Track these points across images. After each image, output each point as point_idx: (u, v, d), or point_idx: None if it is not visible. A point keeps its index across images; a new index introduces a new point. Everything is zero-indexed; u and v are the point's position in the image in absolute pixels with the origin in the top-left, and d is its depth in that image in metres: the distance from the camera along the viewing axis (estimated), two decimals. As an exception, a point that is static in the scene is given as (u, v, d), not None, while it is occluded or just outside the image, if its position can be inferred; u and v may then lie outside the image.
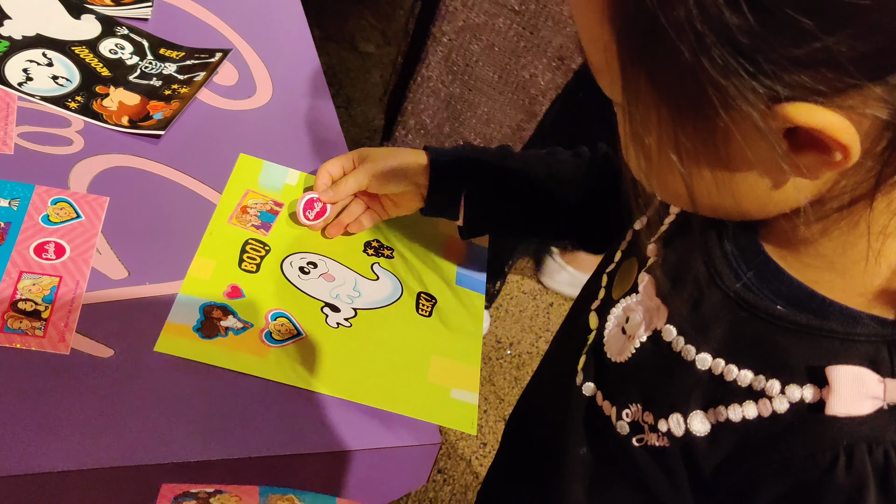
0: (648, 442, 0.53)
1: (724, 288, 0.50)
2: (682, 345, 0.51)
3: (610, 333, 0.58)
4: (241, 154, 0.88)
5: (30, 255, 0.72)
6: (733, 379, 0.48)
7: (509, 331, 1.86)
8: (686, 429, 0.50)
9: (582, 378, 0.59)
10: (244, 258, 0.79)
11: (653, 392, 0.53)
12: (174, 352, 0.69)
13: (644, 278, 0.56)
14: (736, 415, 0.48)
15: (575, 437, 0.59)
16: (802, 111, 0.37)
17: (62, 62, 0.90)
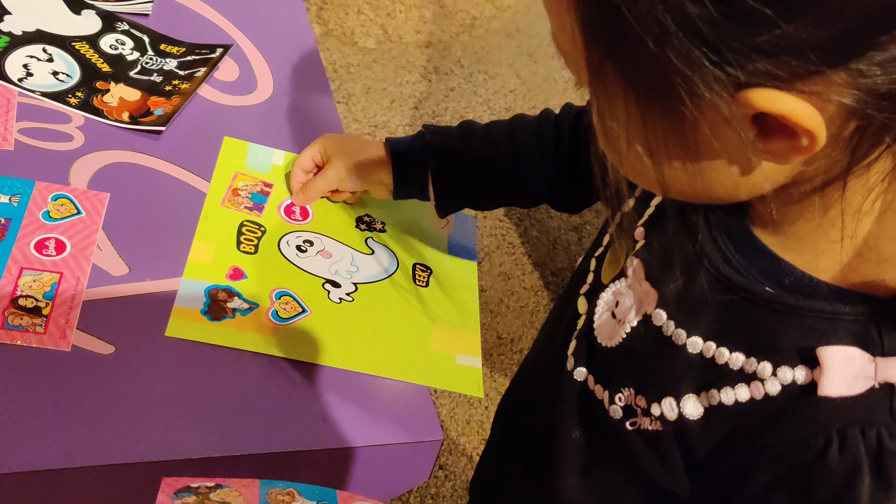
0: (641, 426, 0.53)
1: (712, 270, 0.49)
2: (673, 329, 0.51)
3: (600, 318, 0.58)
4: (226, 137, 0.88)
5: (30, 251, 0.71)
6: (725, 362, 0.48)
7: (510, 326, 1.86)
8: (679, 412, 0.50)
9: (573, 363, 0.59)
10: (241, 240, 0.79)
11: (645, 376, 0.53)
12: (185, 335, 0.70)
13: (633, 262, 0.55)
14: (729, 398, 0.48)
15: (568, 422, 0.60)
16: (766, 97, 0.37)
17: (62, 58, 0.89)
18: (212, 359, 0.70)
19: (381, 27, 2.40)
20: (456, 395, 1.71)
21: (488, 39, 2.50)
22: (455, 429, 1.66)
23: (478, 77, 2.37)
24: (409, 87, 2.27)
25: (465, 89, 2.32)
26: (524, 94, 2.36)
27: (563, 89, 2.41)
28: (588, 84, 0.42)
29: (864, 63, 0.36)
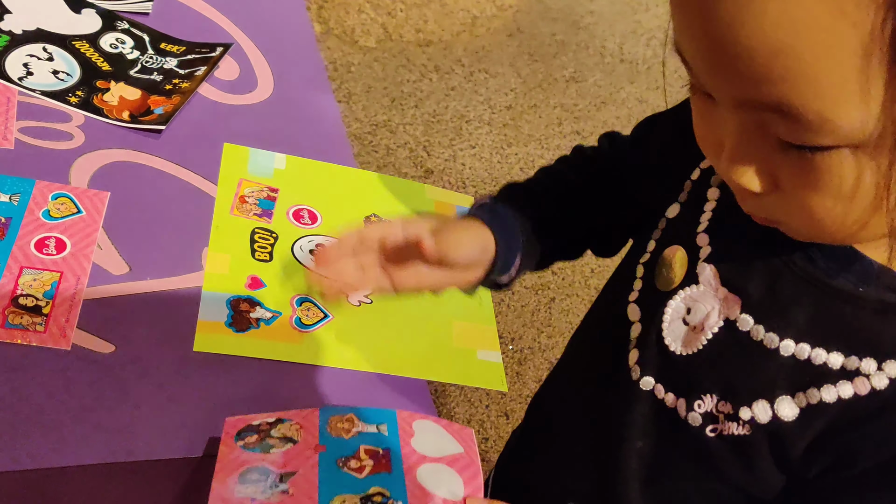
0: (725, 431, 0.53)
1: (798, 272, 0.50)
2: (763, 333, 0.51)
3: (670, 326, 0.56)
4: (226, 144, 0.88)
5: (30, 250, 0.71)
6: (823, 362, 0.48)
7: (511, 326, 1.86)
8: (773, 414, 0.50)
9: (639, 373, 0.58)
10: (255, 248, 0.79)
11: (731, 381, 0.52)
12: (213, 349, 0.70)
13: (704, 268, 0.55)
14: (830, 395, 0.48)
15: (631, 431, 0.58)
16: None
17: (62, 57, 0.89)
18: (212, 358, 0.70)
19: (382, 26, 2.40)
20: (456, 395, 1.71)
21: (489, 38, 2.50)
22: (455, 428, 1.66)
23: (478, 76, 2.36)
24: (409, 86, 2.26)
25: (465, 88, 2.32)
26: (525, 93, 2.36)
27: (563, 88, 2.41)
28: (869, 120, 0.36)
29: None
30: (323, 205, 0.86)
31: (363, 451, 0.58)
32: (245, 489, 0.55)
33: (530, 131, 2.27)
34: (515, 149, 2.20)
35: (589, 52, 2.56)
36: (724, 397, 0.53)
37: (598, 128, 2.32)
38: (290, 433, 0.60)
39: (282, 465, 0.57)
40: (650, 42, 2.66)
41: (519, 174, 2.14)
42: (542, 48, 2.52)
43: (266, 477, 0.56)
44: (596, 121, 2.35)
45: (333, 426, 0.60)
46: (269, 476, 0.56)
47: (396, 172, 2.03)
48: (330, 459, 0.57)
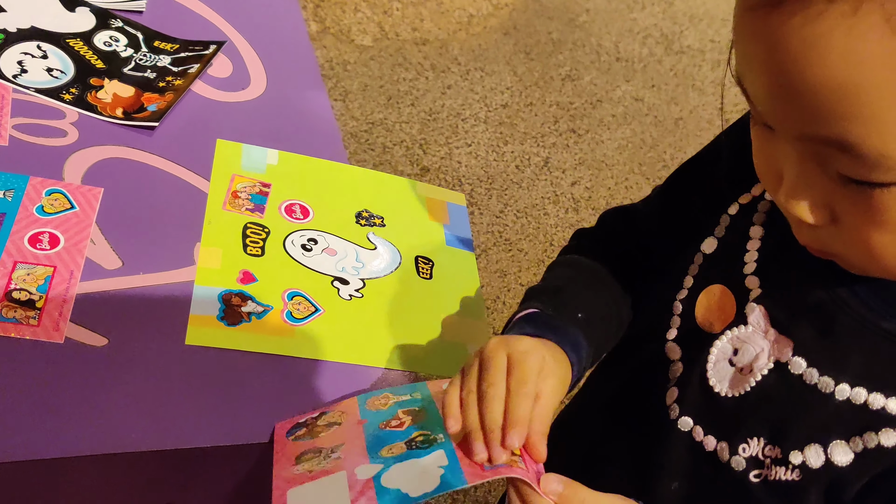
0: (771, 477, 0.52)
1: (852, 315, 0.49)
2: (817, 377, 0.50)
3: (716, 367, 0.55)
4: (219, 140, 0.89)
5: (24, 245, 0.72)
6: (881, 407, 0.48)
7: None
8: (826, 459, 0.49)
9: (678, 412, 0.57)
10: (247, 243, 0.80)
11: (782, 425, 0.52)
12: (204, 342, 0.71)
13: (753, 309, 0.54)
14: (890, 440, 0.47)
15: (668, 473, 0.58)
16: None
17: (57, 54, 0.90)
18: (204, 351, 0.71)
19: (378, 24, 2.41)
20: (452, 391, 1.72)
21: (485, 37, 2.51)
22: (451, 424, 1.67)
23: (475, 74, 2.37)
24: (405, 85, 2.27)
25: (461, 86, 2.32)
26: (521, 92, 2.37)
27: (559, 87, 2.42)
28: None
29: None
30: (315, 200, 0.87)
31: (401, 413, 0.60)
32: (302, 466, 0.58)
33: (526, 129, 2.28)
34: (511, 147, 2.21)
35: (585, 51, 2.57)
36: (773, 441, 0.52)
37: (593, 125, 2.33)
38: (335, 419, 0.63)
39: (331, 442, 0.60)
40: (646, 40, 2.67)
41: (515, 172, 2.15)
42: (537, 46, 2.53)
43: (319, 453, 0.59)
44: (591, 119, 2.36)
45: (371, 404, 0.63)
46: (322, 451, 0.59)
47: (392, 170, 2.04)
48: (373, 426, 0.60)
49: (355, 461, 0.56)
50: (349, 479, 0.54)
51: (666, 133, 2.37)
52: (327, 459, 0.58)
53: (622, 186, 2.20)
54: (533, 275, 1.97)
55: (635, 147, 2.31)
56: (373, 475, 0.54)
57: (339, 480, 0.55)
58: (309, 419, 0.65)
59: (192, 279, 0.75)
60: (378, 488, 0.52)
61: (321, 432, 0.62)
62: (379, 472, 0.54)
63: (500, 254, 1.98)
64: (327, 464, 0.57)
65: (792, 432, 0.51)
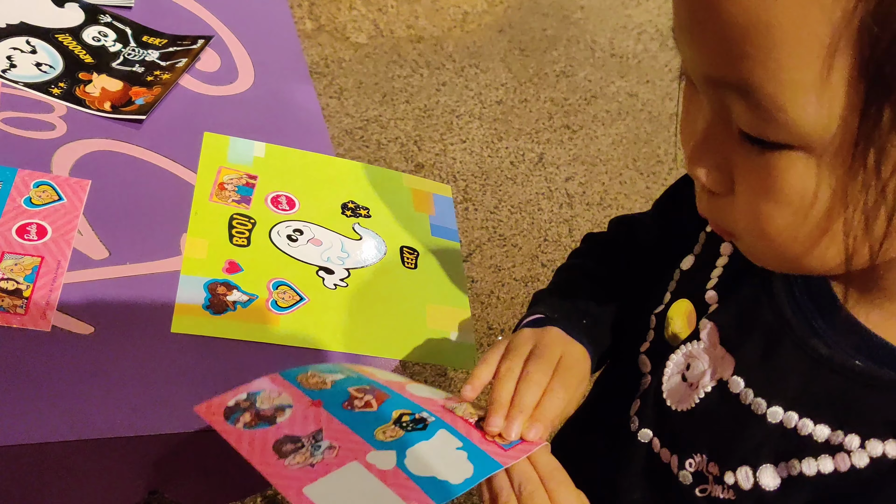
0: (713, 494, 0.51)
1: (796, 340, 0.48)
2: (752, 398, 0.50)
3: (670, 380, 0.56)
4: (206, 133, 0.90)
5: (12, 236, 0.73)
6: (809, 433, 0.47)
7: (501, 317, 1.88)
8: (755, 482, 0.49)
9: (638, 424, 0.57)
10: (233, 233, 0.81)
11: (719, 443, 0.51)
12: (190, 331, 0.72)
13: (706, 325, 0.54)
14: (811, 469, 0.47)
15: (630, 482, 0.58)
16: None
17: (46, 49, 0.91)
18: (189, 339, 0.72)
19: (373, 22, 2.42)
20: (444, 385, 1.72)
21: (480, 34, 2.52)
22: (445, 418, 1.68)
23: (469, 71, 2.38)
24: (400, 82, 2.28)
25: (456, 83, 2.33)
26: (515, 88, 2.37)
27: (553, 83, 2.43)
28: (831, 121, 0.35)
29: None
30: (301, 191, 0.88)
31: (355, 391, 0.59)
32: (294, 459, 0.55)
33: (521, 126, 2.29)
34: (506, 143, 2.22)
35: (579, 47, 2.58)
36: (713, 458, 0.51)
37: (587, 122, 2.34)
38: (280, 401, 0.61)
39: (302, 429, 0.57)
40: (640, 36, 2.68)
41: (509, 168, 2.15)
42: (532, 43, 2.54)
43: (298, 443, 0.56)
44: (586, 115, 2.37)
45: (307, 382, 0.62)
46: (301, 440, 0.57)
47: (387, 165, 2.05)
48: (336, 408, 0.58)
49: (356, 448, 0.54)
50: (369, 469, 0.52)
51: (660, 128, 2.37)
52: (318, 450, 0.56)
53: (616, 182, 2.21)
54: (527, 270, 1.98)
55: (630, 143, 2.32)
56: (394, 463, 0.52)
57: (356, 471, 0.53)
58: (239, 401, 0.61)
59: (178, 269, 0.76)
60: (414, 478, 0.51)
61: (277, 417, 0.58)
62: (396, 458, 0.53)
63: (494, 249, 1.99)
64: (323, 455, 0.55)
65: (728, 451, 0.50)
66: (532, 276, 1.97)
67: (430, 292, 0.84)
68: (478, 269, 1.94)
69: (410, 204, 0.93)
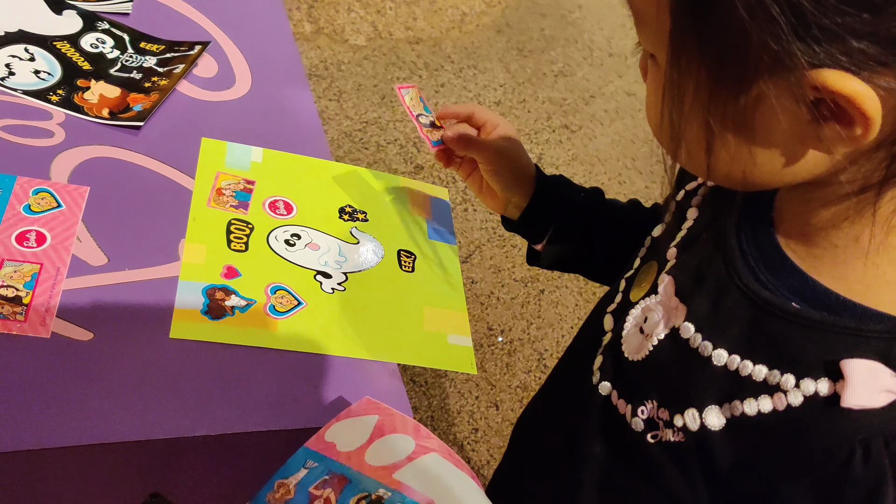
0: (663, 438, 0.53)
1: (742, 287, 0.51)
2: (700, 341, 0.52)
3: (628, 333, 0.59)
4: (203, 138, 0.90)
5: (11, 243, 0.74)
6: (748, 374, 0.49)
7: (500, 318, 1.88)
8: (701, 423, 0.51)
9: (598, 378, 0.60)
10: (231, 238, 0.81)
11: (669, 388, 0.54)
12: (189, 336, 0.72)
13: (664, 279, 0.57)
14: (751, 408, 0.49)
15: (590, 437, 0.60)
16: (838, 77, 0.39)
17: (44, 57, 0.92)
18: (188, 344, 0.72)
19: (372, 24, 2.42)
20: (446, 386, 1.73)
21: (478, 35, 2.52)
22: (446, 419, 1.69)
23: (468, 72, 2.39)
24: (399, 83, 2.29)
25: (455, 84, 2.34)
26: (513, 89, 2.38)
27: (552, 83, 2.43)
28: (663, 47, 0.44)
29: None
30: (298, 196, 0.88)
31: (314, 490, 0.58)
32: None
33: (519, 126, 2.29)
34: (504, 143, 2.22)
35: (577, 47, 2.58)
36: (663, 404, 0.54)
37: (586, 122, 2.35)
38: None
39: None
40: (639, 36, 2.68)
41: (508, 168, 2.16)
42: (530, 43, 2.54)
43: None
44: (584, 114, 2.37)
45: (274, 499, 0.60)
46: None
47: (387, 168, 2.06)
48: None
49: None
50: None
51: (659, 128, 2.38)
52: None
53: (615, 181, 2.22)
54: (527, 270, 1.98)
55: (628, 142, 2.33)
56: None
57: None
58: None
59: (176, 274, 0.77)
60: None
61: None
62: None
63: (493, 250, 1.99)
64: None
65: (677, 395, 0.53)
66: (532, 276, 1.98)
67: (428, 295, 0.85)
68: (477, 269, 1.95)
69: (407, 208, 0.94)
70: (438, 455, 0.57)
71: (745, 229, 0.53)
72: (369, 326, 0.79)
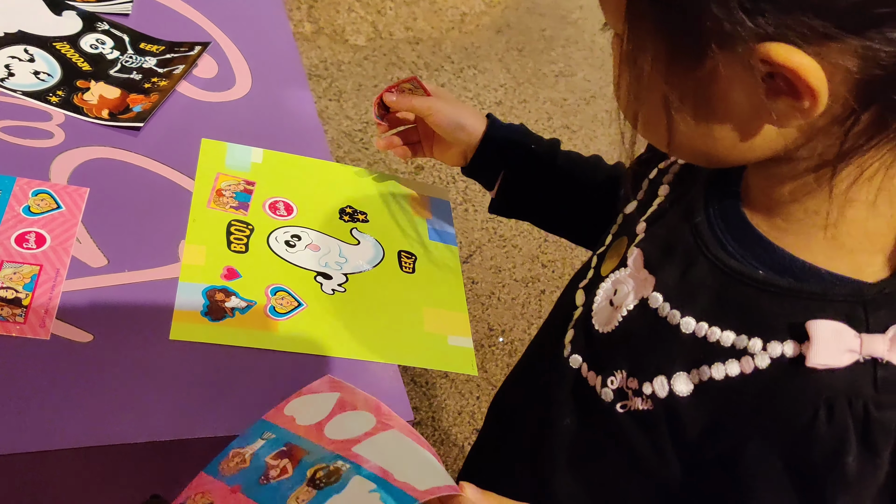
0: (632, 407, 0.55)
1: (710, 257, 0.52)
2: (668, 310, 0.53)
3: (598, 306, 0.60)
4: (203, 139, 0.90)
5: (11, 244, 0.74)
6: (716, 340, 0.51)
7: (501, 318, 1.88)
8: (670, 390, 0.52)
9: (569, 350, 0.61)
10: (231, 240, 0.81)
11: (639, 357, 0.55)
12: (188, 338, 0.72)
13: (633, 252, 0.58)
14: (719, 373, 0.50)
15: (561, 409, 0.61)
16: (784, 51, 0.41)
17: (44, 58, 0.92)
18: (188, 346, 0.72)
19: (372, 24, 2.42)
20: (447, 387, 1.73)
21: (478, 35, 2.52)
22: (446, 419, 1.68)
23: (468, 72, 2.39)
24: (399, 84, 2.29)
25: (455, 84, 2.34)
26: (513, 89, 2.38)
27: (552, 83, 2.43)
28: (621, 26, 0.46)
29: (877, 35, 0.39)
30: (298, 197, 0.88)
31: (271, 460, 0.57)
32: None
33: (520, 126, 2.29)
34: (505, 144, 2.22)
35: (577, 47, 2.58)
36: (632, 373, 0.55)
37: (587, 122, 2.34)
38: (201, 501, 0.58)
39: None
40: (639, 36, 2.68)
41: (508, 169, 2.16)
42: (530, 44, 2.54)
43: None
44: (585, 115, 2.37)
45: (228, 468, 0.59)
46: None
47: (387, 168, 2.05)
48: (253, 488, 0.56)
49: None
50: None
51: (659, 128, 2.38)
52: None
53: (616, 181, 2.22)
54: (527, 270, 1.98)
55: (629, 142, 2.33)
56: None
57: None
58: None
59: (176, 276, 0.77)
60: None
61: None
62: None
63: (494, 250, 1.99)
64: None
65: (646, 364, 0.54)
66: (532, 276, 1.97)
67: (428, 296, 0.85)
68: (478, 270, 1.95)
69: (408, 208, 0.93)
70: (398, 431, 0.57)
71: (713, 202, 0.54)
72: (370, 327, 0.79)
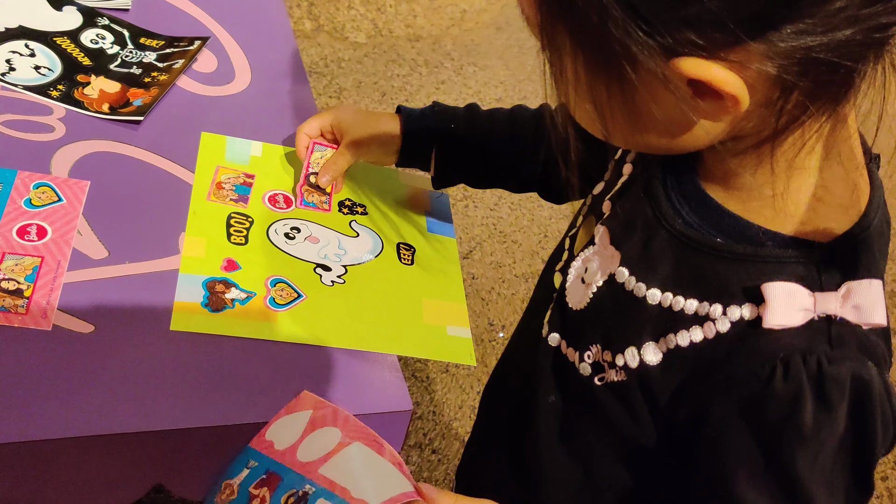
0: (608, 379, 0.57)
1: (668, 227, 0.54)
2: (634, 283, 0.55)
3: (571, 285, 0.62)
4: (203, 133, 0.91)
5: (12, 237, 0.74)
6: (681, 308, 0.53)
7: (501, 313, 1.88)
8: (640, 360, 0.54)
9: (548, 330, 0.63)
10: (231, 232, 0.82)
11: (610, 331, 0.57)
12: (189, 328, 0.73)
13: (599, 230, 0.60)
14: (684, 340, 0.52)
15: (544, 387, 0.63)
16: (693, 65, 0.42)
17: (44, 52, 0.92)
18: (188, 336, 0.73)
19: (372, 21, 2.42)
20: (447, 382, 1.73)
21: (478, 32, 2.53)
22: (448, 413, 1.69)
23: (468, 69, 2.39)
24: (399, 81, 2.29)
25: (455, 81, 2.34)
26: (514, 86, 2.38)
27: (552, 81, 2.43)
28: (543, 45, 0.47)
29: (778, 35, 0.40)
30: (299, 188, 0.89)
31: (254, 490, 0.60)
32: None
33: (520, 122, 2.29)
34: (505, 140, 2.23)
35: (578, 44, 2.59)
36: (606, 347, 0.57)
37: (587, 118, 2.35)
38: None
39: None
40: (639, 32, 2.68)
41: (508, 165, 2.16)
42: (530, 40, 2.53)
43: None
44: (585, 111, 2.37)
45: (220, 500, 0.62)
46: None
47: (387, 165, 2.06)
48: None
49: None
50: None
51: (659, 124, 2.38)
52: None
53: (616, 177, 2.22)
54: (527, 266, 1.99)
55: (629, 138, 2.33)
56: None
57: None
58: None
59: (176, 268, 0.77)
60: None
61: None
62: None
63: (494, 246, 1.99)
64: None
65: (617, 337, 0.56)
66: (533, 272, 1.98)
67: (427, 288, 0.85)
68: (478, 265, 1.95)
69: (407, 201, 0.94)
70: (361, 444, 0.59)
71: (670, 176, 0.56)
72: (369, 319, 0.80)
